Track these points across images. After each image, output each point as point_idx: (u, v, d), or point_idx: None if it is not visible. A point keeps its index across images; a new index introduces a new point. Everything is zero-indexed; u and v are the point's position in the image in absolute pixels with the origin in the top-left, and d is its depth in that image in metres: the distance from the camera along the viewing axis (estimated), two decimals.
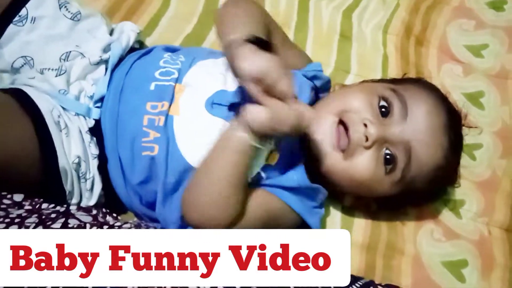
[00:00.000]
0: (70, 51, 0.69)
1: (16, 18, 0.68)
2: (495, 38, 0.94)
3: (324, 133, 0.65)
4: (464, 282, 0.74)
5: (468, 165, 0.82)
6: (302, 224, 0.67)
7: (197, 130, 0.65)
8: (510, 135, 0.87)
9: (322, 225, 0.72)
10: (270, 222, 0.64)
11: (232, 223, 0.60)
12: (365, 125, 0.64)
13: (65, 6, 0.71)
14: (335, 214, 0.75)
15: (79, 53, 0.69)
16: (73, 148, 0.63)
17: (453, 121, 0.69)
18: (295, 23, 0.91)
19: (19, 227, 0.56)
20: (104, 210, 0.67)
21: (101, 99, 0.67)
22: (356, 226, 0.75)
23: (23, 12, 0.68)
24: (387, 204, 0.73)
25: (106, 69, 0.69)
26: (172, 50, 0.74)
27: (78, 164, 0.64)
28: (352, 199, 0.73)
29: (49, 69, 0.67)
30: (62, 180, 0.62)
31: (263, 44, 0.60)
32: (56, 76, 0.66)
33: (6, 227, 0.55)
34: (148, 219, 0.69)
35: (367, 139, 0.64)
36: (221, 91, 0.66)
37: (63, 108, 0.65)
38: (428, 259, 0.75)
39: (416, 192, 0.70)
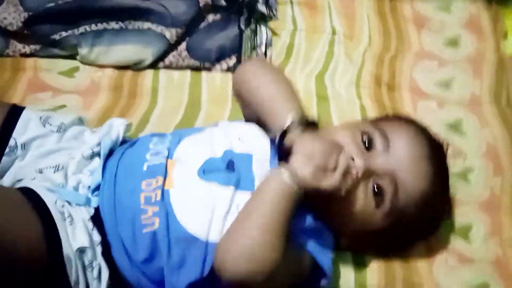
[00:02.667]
0: (59, 164, 0.72)
1: (7, 150, 0.72)
2: (459, 70, 1.01)
3: None
4: None
5: (465, 190, 0.84)
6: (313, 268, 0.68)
7: (194, 199, 0.68)
8: (498, 154, 0.89)
9: (334, 270, 0.72)
10: (294, 267, 0.66)
11: (275, 272, 0.60)
12: (352, 159, 0.67)
13: (48, 122, 0.76)
14: (346, 259, 0.76)
15: (70, 158, 0.73)
16: (77, 236, 0.65)
17: (435, 151, 0.72)
18: None
19: None
20: None
21: (98, 188, 0.70)
22: (370, 268, 0.76)
23: (11, 142, 0.72)
24: (384, 244, 0.74)
25: None
26: (159, 135, 0.79)
27: (82, 252, 0.65)
28: (347, 240, 0.73)
29: (47, 167, 0.71)
30: (67, 269, 0.63)
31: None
32: (54, 172, 0.70)
33: None
34: None
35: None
36: (210, 159, 0.71)
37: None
38: None
39: (410, 226, 0.71)
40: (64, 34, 0.99)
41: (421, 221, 0.72)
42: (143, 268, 0.67)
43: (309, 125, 0.69)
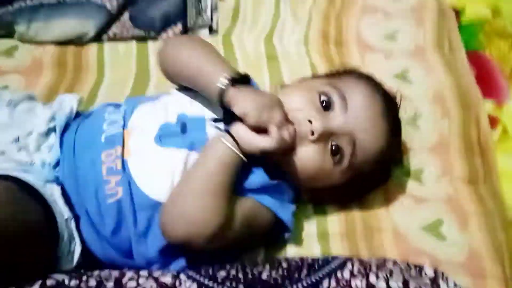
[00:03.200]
0: (18, 136, 0.70)
1: None
2: (403, 21, 1.03)
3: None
4: (445, 240, 0.76)
5: (415, 135, 0.87)
6: (276, 221, 0.69)
7: (153, 165, 0.67)
8: (444, 97, 0.92)
9: (297, 221, 0.74)
10: (251, 225, 0.67)
11: (219, 233, 0.61)
12: (310, 121, 0.68)
13: None
14: (307, 210, 0.78)
15: (26, 132, 0.71)
16: (62, 209, 0.64)
17: (389, 106, 0.74)
18: None
19: None
20: (81, 271, 0.67)
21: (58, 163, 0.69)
22: (330, 216, 0.78)
23: None
24: (343, 194, 0.76)
25: None
26: (114, 105, 0.78)
27: (67, 224, 0.65)
28: (308, 194, 0.75)
29: (9, 149, 0.68)
30: (59, 242, 0.63)
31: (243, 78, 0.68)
32: (17, 151, 0.68)
33: None
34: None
35: (312, 134, 0.68)
36: (165, 124, 0.70)
37: None
38: (406, 229, 0.77)
39: (366, 178, 0.73)
40: None
41: (376, 173, 0.74)
42: (111, 239, 0.66)
43: (243, 81, 0.68)
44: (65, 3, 0.98)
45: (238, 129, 0.65)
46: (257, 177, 0.68)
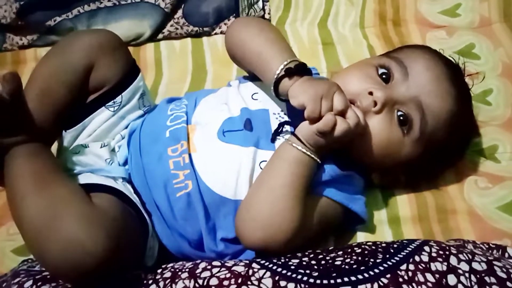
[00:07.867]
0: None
1: (110, 103, 0.71)
2: None
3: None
4: None
5: (486, 112, 0.82)
6: (348, 212, 0.68)
7: (216, 161, 0.67)
8: None
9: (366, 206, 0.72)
10: (324, 221, 0.66)
11: (295, 236, 0.61)
12: (371, 93, 0.66)
13: (143, 98, 0.75)
14: (375, 195, 0.75)
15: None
16: (140, 206, 0.66)
17: (453, 71, 0.71)
18: None
19: None
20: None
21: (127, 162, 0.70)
22: (400, 202, 0.75)
23: (118, 99, 0.71)
24: (416, 172, 0.73)
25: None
26: (175, 99, 0.79)
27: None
28: (379, 176, 0.73)
29: (93, 142, 0.70)
30: (148, 238, 0.65)
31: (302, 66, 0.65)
32: (101, 147, 0.70)
33: None
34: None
35: (375, 104, 0.65)
36: (228, 119, 0.69)
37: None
38: (483, 210, 0.73)
39: (439, 150, 0.69)
40: (58, 19, 0.98)
41: (450, 143, 0.70)
42: (182, 231, 0.66)
43: (300, 71, 0.64)
44: (121, 5, 1.00)
45: (301, 128, 0.63)
46: (327, 168, 0.66)
